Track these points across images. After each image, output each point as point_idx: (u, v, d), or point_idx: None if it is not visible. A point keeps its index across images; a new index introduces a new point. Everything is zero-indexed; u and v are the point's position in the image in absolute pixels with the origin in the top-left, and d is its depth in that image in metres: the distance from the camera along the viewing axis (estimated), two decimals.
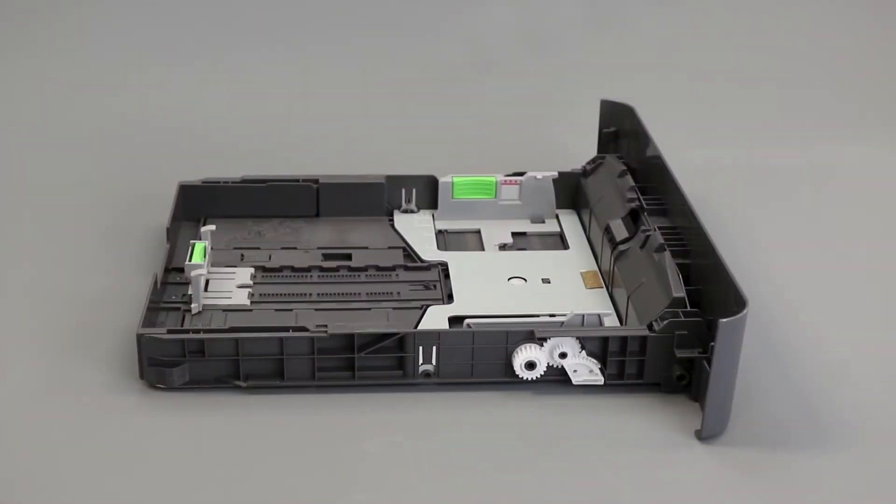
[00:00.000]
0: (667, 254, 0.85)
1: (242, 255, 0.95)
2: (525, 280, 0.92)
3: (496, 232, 1.00)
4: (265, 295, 0.89)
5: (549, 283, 0.92)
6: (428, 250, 0.96)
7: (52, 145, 1.19)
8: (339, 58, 1.36)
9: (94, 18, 1.37)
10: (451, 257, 0.94)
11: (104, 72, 1.32)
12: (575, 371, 0.80)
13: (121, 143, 1.20)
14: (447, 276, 0.92)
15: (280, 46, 1.37)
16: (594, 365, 0.80)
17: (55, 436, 0.75)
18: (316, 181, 1.01)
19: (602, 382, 0.80)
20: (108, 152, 1.18)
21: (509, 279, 0.92)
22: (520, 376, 0.80)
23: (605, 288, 0.91)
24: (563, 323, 0.80)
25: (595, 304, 0.89)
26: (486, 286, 0.90)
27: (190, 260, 0.88)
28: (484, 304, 0.87)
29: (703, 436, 0.76)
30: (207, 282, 0.89)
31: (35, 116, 1.25)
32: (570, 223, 1.02)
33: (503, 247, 0.98)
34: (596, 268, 0.95)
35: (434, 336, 0.80)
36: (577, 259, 0.96)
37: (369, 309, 0.87)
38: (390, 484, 0.72)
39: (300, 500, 0.71)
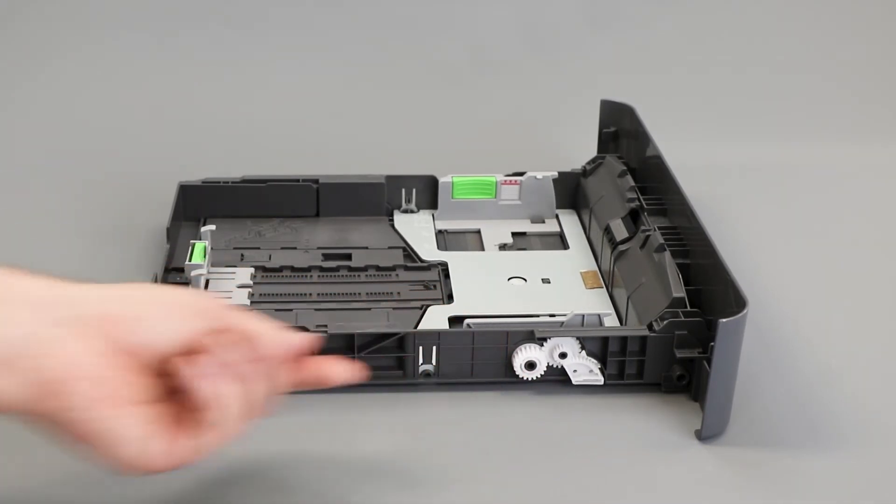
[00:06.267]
0: (667, 254, 0.85)
1: (242, 255, 0.95)
2: (525, 280, 0.92)
3: (496, 232, 1.00)
4: (265, 295, 0.89)
5: (549, 283, 0.92)
6: (428, 250, 0.96)
7: (53, 145, 1.19)
8: (340, 58, 1.36)
9: (95, 19, 1.37)
10: (450, 257, 0.94)
11: (105, 72, 1.32)
12: (575, 371, 0.80)
13: (121, 143, 1.20)
14: (447, 276, 0.92)
15: (280, 47, 1.37)
16: (594, 365, 0.80)
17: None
18: (316, 181, 1.01)
19: (602, 382, 0.80)
20: (109, 152, 1.18)
21: (509, 279, 0.92)
22: (520, 376, 0.80)
23: (605, 288, 0.91)
24: (563, 323, 0.80)
25: (595, 303, 0.89)
26: (487, 286, 0.90)
27: (190, 260, 0.88)
28: (484, 303, 0.87)
29: (703, 436, 0.76)
30: (207, 282, 0.89)
31: (35, 117, 1.25)
32: (570, 223, 1.02)
33: (503, 247, 0.98)
34: (596, 268, 0.95)
35: (434, 336, 0.80)
36: (577, 259, 0.96)
37: (369, 309, 0.87)
38: (390, 483, 0.72)
39: (299, 499, 0.71)
